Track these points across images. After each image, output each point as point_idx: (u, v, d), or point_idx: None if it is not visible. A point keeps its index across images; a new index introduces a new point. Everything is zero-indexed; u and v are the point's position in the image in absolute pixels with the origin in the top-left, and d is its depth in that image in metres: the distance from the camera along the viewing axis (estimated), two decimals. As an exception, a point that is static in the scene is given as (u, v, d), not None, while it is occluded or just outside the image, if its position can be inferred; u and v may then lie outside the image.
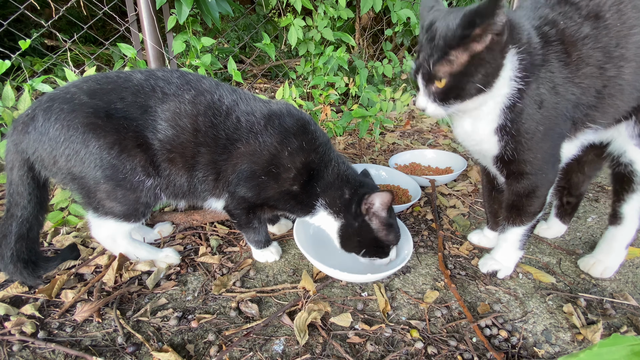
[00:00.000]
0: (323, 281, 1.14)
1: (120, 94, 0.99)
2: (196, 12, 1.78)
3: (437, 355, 0.90)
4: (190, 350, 0.89)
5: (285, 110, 1.11)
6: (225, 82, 1.42)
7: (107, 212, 1.03)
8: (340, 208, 1.10)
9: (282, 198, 1.11)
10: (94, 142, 0.94)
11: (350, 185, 1.11)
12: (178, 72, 1.08)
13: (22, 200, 0.98)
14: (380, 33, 3.26)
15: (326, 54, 2.22)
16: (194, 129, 1.03)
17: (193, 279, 1.13)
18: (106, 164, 0.96)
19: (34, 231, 1.01)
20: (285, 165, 1.06)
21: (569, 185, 1.27)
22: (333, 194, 1.10)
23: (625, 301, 1.08)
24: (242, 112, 1.07)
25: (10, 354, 0.85)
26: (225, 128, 1.05)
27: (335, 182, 1.10)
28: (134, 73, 1.04)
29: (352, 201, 1.08)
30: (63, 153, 0.94)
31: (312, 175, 1.09)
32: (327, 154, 1.11)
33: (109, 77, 1.02)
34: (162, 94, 1.02)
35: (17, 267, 0.97)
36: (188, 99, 1.03)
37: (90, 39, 3.06)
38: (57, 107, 0.94)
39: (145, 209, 1.06)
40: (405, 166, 1.97)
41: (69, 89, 0.98)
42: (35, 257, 1.00)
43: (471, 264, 1.24)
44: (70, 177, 0.98)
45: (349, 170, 1.14)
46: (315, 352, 0.90)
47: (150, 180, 1.03)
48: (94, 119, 0.94)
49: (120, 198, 1.01)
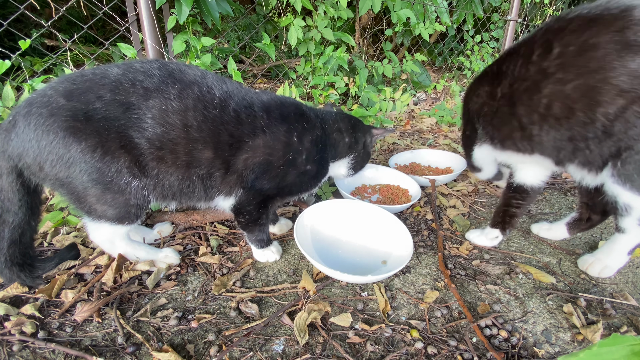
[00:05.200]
0: (323, 281, 1.14)
1: (97, 93, 0.94)
2: (196, 12, 1.78)
3: (437, 355, 0.90)
4: (190, 350, 0.89)
5: (278, 100, 1.16)
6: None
7: (100, 215, 1.02)
8: (347, 151, 1.34)
9: (300, 180, 1.19)
10: (75, 146, 0.91)
11: (346, 131, 1.32)
12: (158, 62, 1.03)
13: (12, 206, 0.96)
14: (380, 33, 3.26)
15: (326, 54, 2.23)
16: (184, 124, 0.99)
17: (193, 279, 1.13)
18: (91, 167, 0.93)
19: (26, 236, 0.99)
20: (298, 150, 1.14)
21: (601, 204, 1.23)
22: (345, 146, 1.33)
23: (625, 301, 1.08)
24: (239, 105, 1.06)
25: (10, 354, 0.85)
26: (224, 122, 1.03)
27: (337, 138, 1.30)
28: (111, 68, 0.98)
29: (357, 141, 1.35)
30: (47, 159, 0.92)
31: (320, 148, 1.22)
32: (322, 123, 1.25)
33: (84, 76, 0.96)
34: (143, 89, 0.96)
35: (13, 271, 0.96)
36: (174, 93, 0.98)
37: (90, 39, 3.06)
38: (36, 112, 0.90)
39: (137, 210, 1.04)
40: (405, 166, 1.97)
41: (46, 92, 0.93)
42: (30, 260, 0.99)
43: (471, 264, 1.25)
44: (58, 182, 0.96)
45: (338, 122, 1.32)
46: (315, 352, 0.90)
47: (137, 181, 0.99)
48: (73, 122, 0.91)
49: (110, 201, 0.99)
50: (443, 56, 4.26)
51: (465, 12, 3.65)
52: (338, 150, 1.31)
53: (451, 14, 3.55)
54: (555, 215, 1.59)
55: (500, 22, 3.94)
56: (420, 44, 3.93)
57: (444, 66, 4.28)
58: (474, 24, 3.84)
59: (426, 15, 2.88)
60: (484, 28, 3.96)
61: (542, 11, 4.45)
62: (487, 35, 3.93)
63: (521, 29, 4.38)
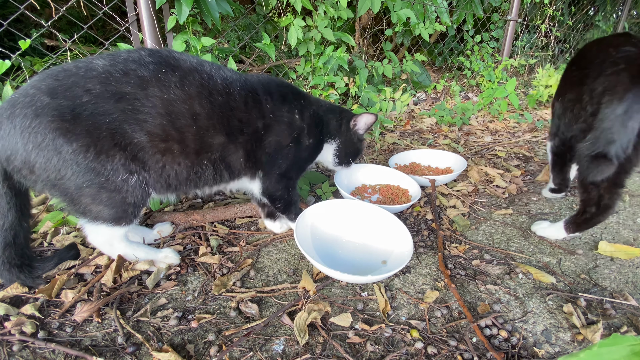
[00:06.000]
0: (323, 281, 1.14)
1: (84, 87, 0.89)
2: (196, 12, 1.77)
3: (437, 355, 0.90)
4: (190, 350, 0.89)
5: (273, 81, 1.23)
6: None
7: (96, 216, 0.99)
8: (337, 134, 1.38)
9: (307, 154, 1.29)
10: (66, 147, 0.87)
11: (336, 115, 1.38)
12: (146, 50, 0.99)
13: (0, 209, 0.94)
14: (380, 33, 3.26)
15: (326, 54, 2.23)
16: (192, 113, 0.98)
17: (193, 279, 1.13)
18: (84, 168, 0.90)
19: (19, 237, 0.96)
20: (301, 127, 1.22)
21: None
22: (332, 128, 1.37)
23: (625, 301, 1.08)
24: (245, 90, 1.10)
25: (10, 354, 0.85)
26: (234, 107, 1.07)
27: (329, 118, 1.36)
28: (95, 60, 0.93)
29: (341, 124, 1.38)
30: (36, 161, 0.88)
31: (317, 124, 1.29)
32: (314, 102, 1.33)
33: (67, 70, 0.91)
34: (139, 78, 0.92)
35: (13, 273, 0.95)
36: (175, 80, 0.96)
37: (90, 39, 3.05)
38: (20, 113, 0.86)
39: (135, 209, 1.01)
40: (405, 166, 1.97)
41: (28, 91, 0.88)
42: (28, 260, 0.98)
43: (471, 264, 1.25)
44: (50, 184, 0.92)
45: (328, 105, 1.40)
46: (315, 352, 0.90)
47: (135, 177, 0.96)
48: (61, 122, 0.86)
49: (106, 201, 0.96)
50: (443, 56, 4.26)
51: (465, 12, 3.65)
52: (329, 127, 1.37)
53: (451, 14, 3.55)
54: (555, 215, 1.59)
55: (500, 22, 3.94)
56: (420, 44, 3.93)
57: (444, 66, 4.28)
58: (474, 24, 3.84)
59: (426, 15, 2.88)
60: (484, 28, 3.96)
61: (542, 11, 4.46)
62: (487, 35, 3.93)
63: (521, 29, 4.38)
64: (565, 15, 4.87)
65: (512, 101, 2.55)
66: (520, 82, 4.37)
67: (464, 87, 3.97)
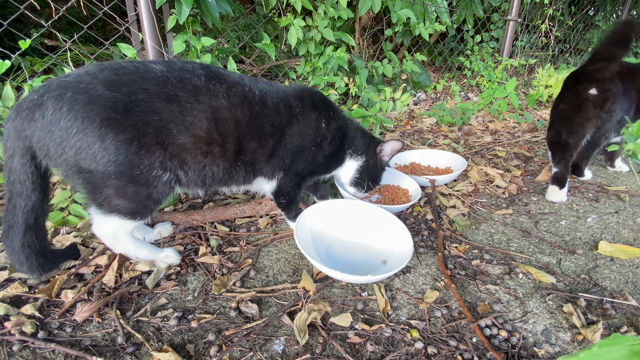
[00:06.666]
0: (323, 281, 1.14)
1: (142, 85, 0.95)
2: (196, 12, 1.77)
3: (437, 355, 0.90)
4: (190, 350, 0.89)
5: (307, 91, 1.30)
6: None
7: (113, 209, 1.00)
8: (362, 153, 1.42)
9: (324, 160, 1.33)
10: (111, 137, 0.90)
11: (365, 136, 1.44)
12: (198, 63, 1.08)
13: (24, 189, 0.92)
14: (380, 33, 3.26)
15: (326, 54, 2.23)
16: (235, 120, 1.08)
17: (193, 279, 1.13)
18: (122, 160, 0.93)
19: (40, 220, 0.95)
20: (325, 134, 1.29)
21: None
22: (358, 145, 1.42)
23: (625, 301, 1.08)
24: (277, 99, 1.20)
25: (10, 354, 0.85)
26: (267, 114, 1.16)
27: (356, 135, 1.41)
28: (152, 64, 1.00)
29: (369, 147, 1.43)
30: (74, 145, 0.89)
31: (341, 136, 1.36)
32: (345, 117, 1.40)
33: (126, 68, 0.96)
34: (193, 86, 1.01)
35: (30, 259, 0.93)
36: (222, 91, 1.06)
37: (90, 39, 3.05)
38: (71, 97, 0.88)
39: (154, 205, 1.05)
40: (405, 166, 1.97)
41: (83, 78, 0.91)
42: (45, 248, 0.96)
43: (471, 264, 1.25)
44: (77, 169, 0.93)
45: (358, 125, 1.45)
46: (315, 352, 0.90)
47: (167, 175, 1.02)
48: (112, 114, 0.90)
49: (131, 195, 0.98)
50: (443, 56, 4.26)
51: (465, 12, 3.65)
52: (354, 143, 1.41)
53: (451, 14, 3.55)
54: (555, 215, 1.59)
55: (500, 22, 3.94)
56: (420, 44, 3.93)
57: (444, 66, 4.28)
58: (474, 24, 3.84)
59: (426, 15, 2.88)
60: (484, 28, 3.96)
61: (542, 11, 4.46)
62: (487, 35, 3.94)
63: (521, 29, 4.38)
64: (565, 15, 4.87)
65: (512, 101, 2.55)
66: (520, 82, 4.37)
67: (464, 87, 3.97)
